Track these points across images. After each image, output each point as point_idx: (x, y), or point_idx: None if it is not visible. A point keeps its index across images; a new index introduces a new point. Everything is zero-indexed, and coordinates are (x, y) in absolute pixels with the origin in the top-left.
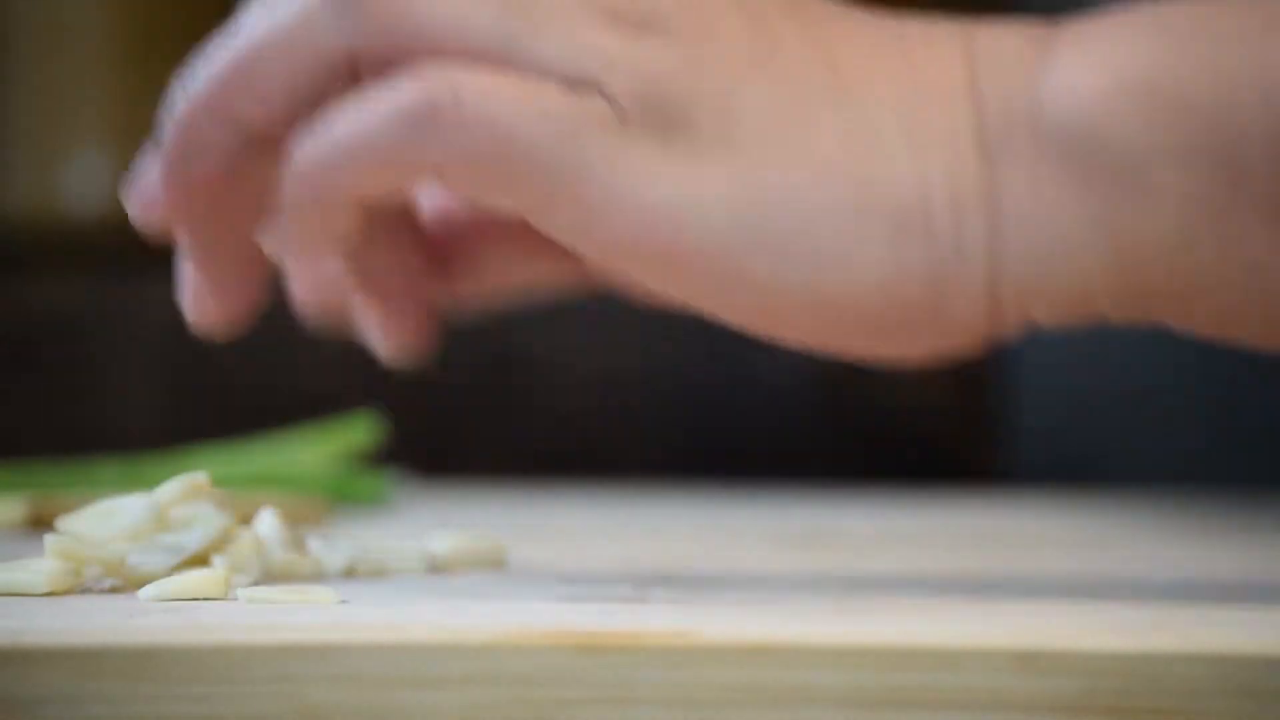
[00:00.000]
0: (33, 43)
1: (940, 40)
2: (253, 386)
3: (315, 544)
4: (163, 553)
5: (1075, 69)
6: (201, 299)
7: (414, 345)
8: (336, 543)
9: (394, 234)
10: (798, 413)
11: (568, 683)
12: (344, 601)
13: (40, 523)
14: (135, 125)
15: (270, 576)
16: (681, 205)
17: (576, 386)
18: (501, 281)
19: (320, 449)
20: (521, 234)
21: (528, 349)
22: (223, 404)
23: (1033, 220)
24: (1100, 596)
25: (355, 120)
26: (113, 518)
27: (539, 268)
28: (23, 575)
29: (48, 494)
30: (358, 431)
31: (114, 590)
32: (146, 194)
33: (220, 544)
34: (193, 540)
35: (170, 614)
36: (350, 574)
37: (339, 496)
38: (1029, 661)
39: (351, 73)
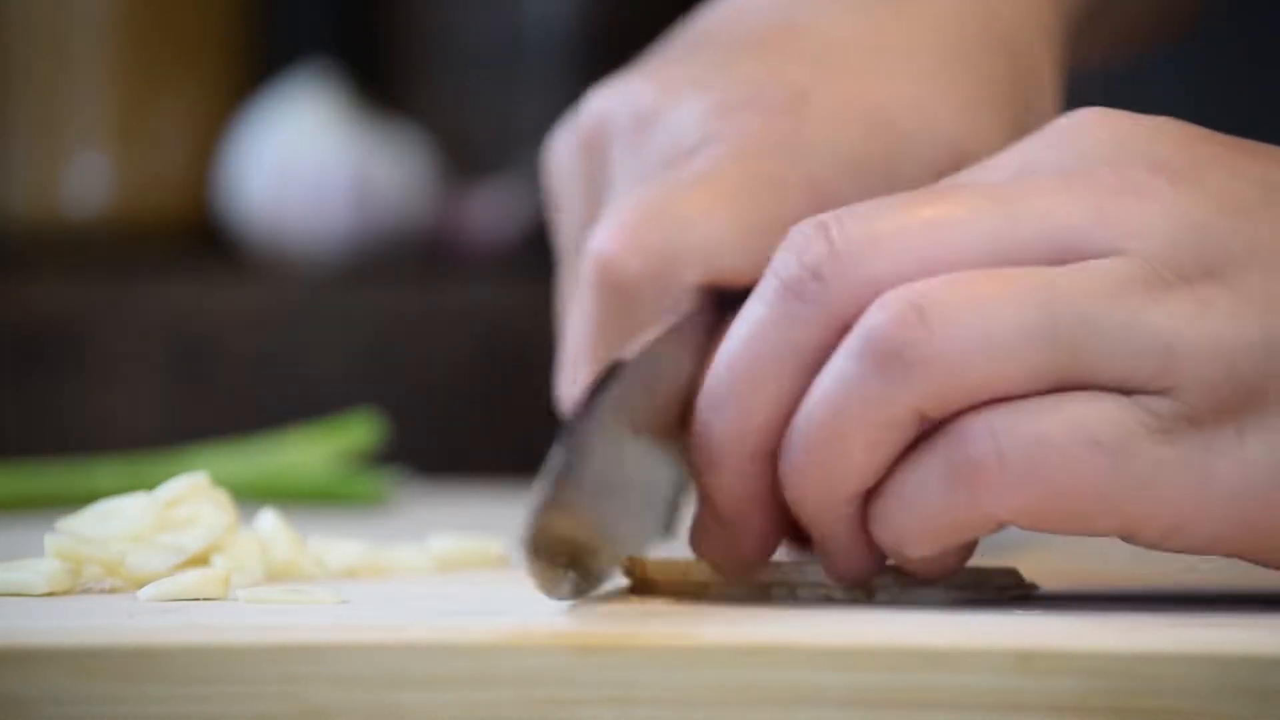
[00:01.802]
0: (33, 43)
1: None
2: (253, 386)
3: (316, 544)
4: (163, 553)
5: None
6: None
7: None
8: (337, 543)
9: None
10: None
11: (567, 683)
12: (344, 602)
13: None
14: (135, 125)
15: (271, 577)
16: (1270, 485)
17: None
18: None
19: (320, 449)
20: None
21: (527, 348)
22: (223, 404)
23: None
24: (1099, 597)
25: (907, 505)
26: (113, 518)
27: None
28: (22, 575)
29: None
30: (358, 431)
31: (114, 590)
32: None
33: (221, 544)
34: (193, 540)
35: (170, 614)
36: (351, 574)
37: (339, 496)
38: (1028, 661)
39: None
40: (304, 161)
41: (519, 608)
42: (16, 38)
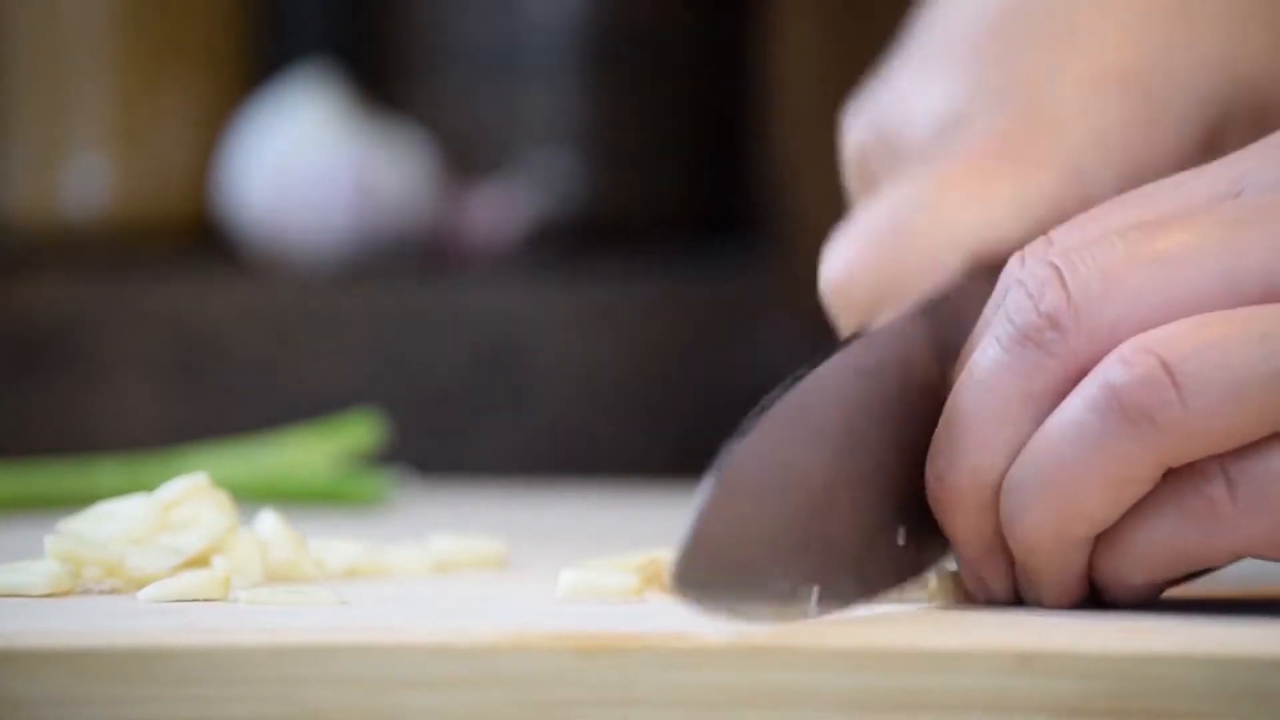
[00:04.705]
0: (33, 43)
1: None
2: (253, 386)
3: (316, 545)
4: (163, 554)
5: None
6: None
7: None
8: (337, 543)
9: None
10: None
11: (567, 684)
12: (344, 603)
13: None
14: (135, 125)
15: (271, 578)
16: None
17: (576, 386)
18: None
19: (320, 449)
20: None
21: (527, 349)
22: (223, 404)
23: None
24: (1098, 598)
25: (1138, 544)
26: (112, 519)
27: None
28: (22, 576)
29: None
30: (358, 431)
31: (113, 591)
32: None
33: (221, 545)
34: (193, 541)
35: (170, 615)
36: (351, 575)
37: (339, 497)
38: (1028, 663)
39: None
40: (304, 161)
41: (519, 608)
42: (16, 38)
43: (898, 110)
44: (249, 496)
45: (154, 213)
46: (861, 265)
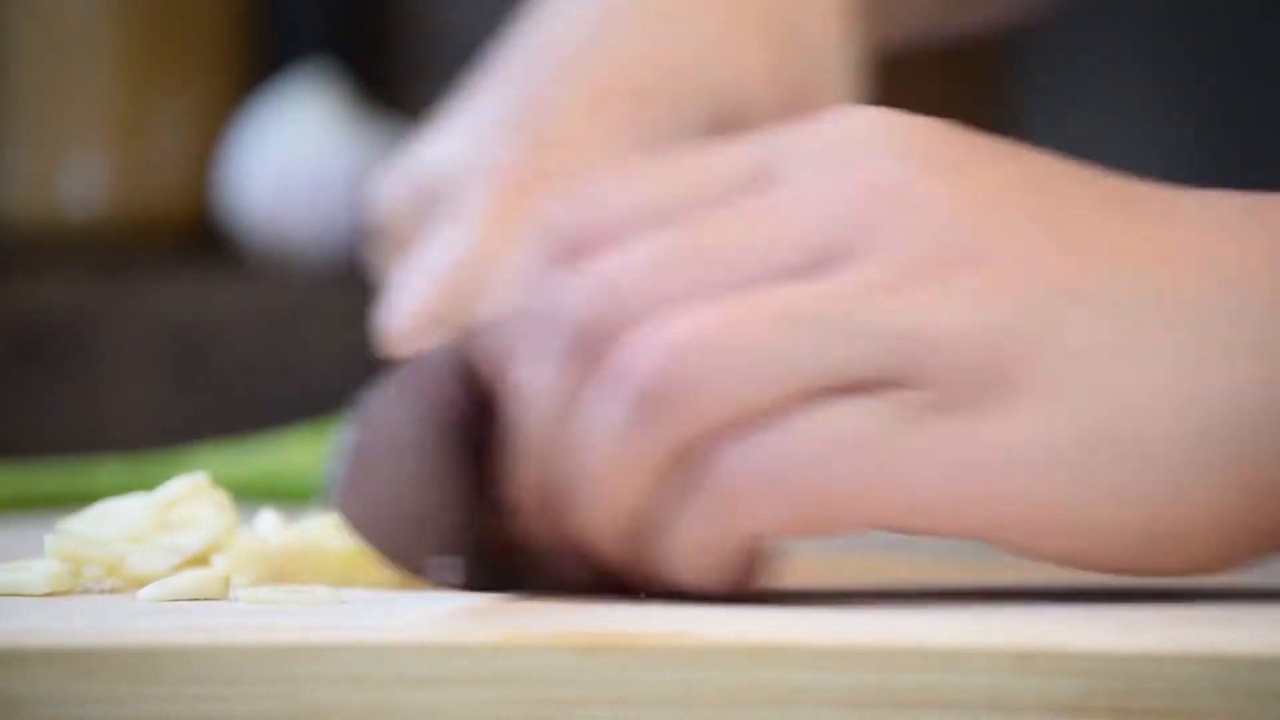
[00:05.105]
0: (33, 43)
1: (1235, 218)
2: (253, 386)
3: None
4: (163, 553)
5: None
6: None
7: None
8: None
9: None
10: None
11: (567, 683)
12: (344, 602)
13: None
14: (135, 125)
15: (271, 577)
16: (1005, 462)
17: None
18: None
19: (320, 449)
20: None
21: None
22: (223, 404)
23: None
24: (1099, 597)
25: (671, 534)
26: (113, 518)
27: None
28: (22, 575)
29: None
30: None
31: (114, 591)
32: None
33: (220, 545)
34: (193, 540)
35: (170, 615)
36: (350, 575)
37: None
38: (1028, 662)
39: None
40: (304, 161)
41: (519, 608)
42: (17, 38)
43: (426, 163)
44: (249, 496)
45: (154, 212)
46: (425, 314)
